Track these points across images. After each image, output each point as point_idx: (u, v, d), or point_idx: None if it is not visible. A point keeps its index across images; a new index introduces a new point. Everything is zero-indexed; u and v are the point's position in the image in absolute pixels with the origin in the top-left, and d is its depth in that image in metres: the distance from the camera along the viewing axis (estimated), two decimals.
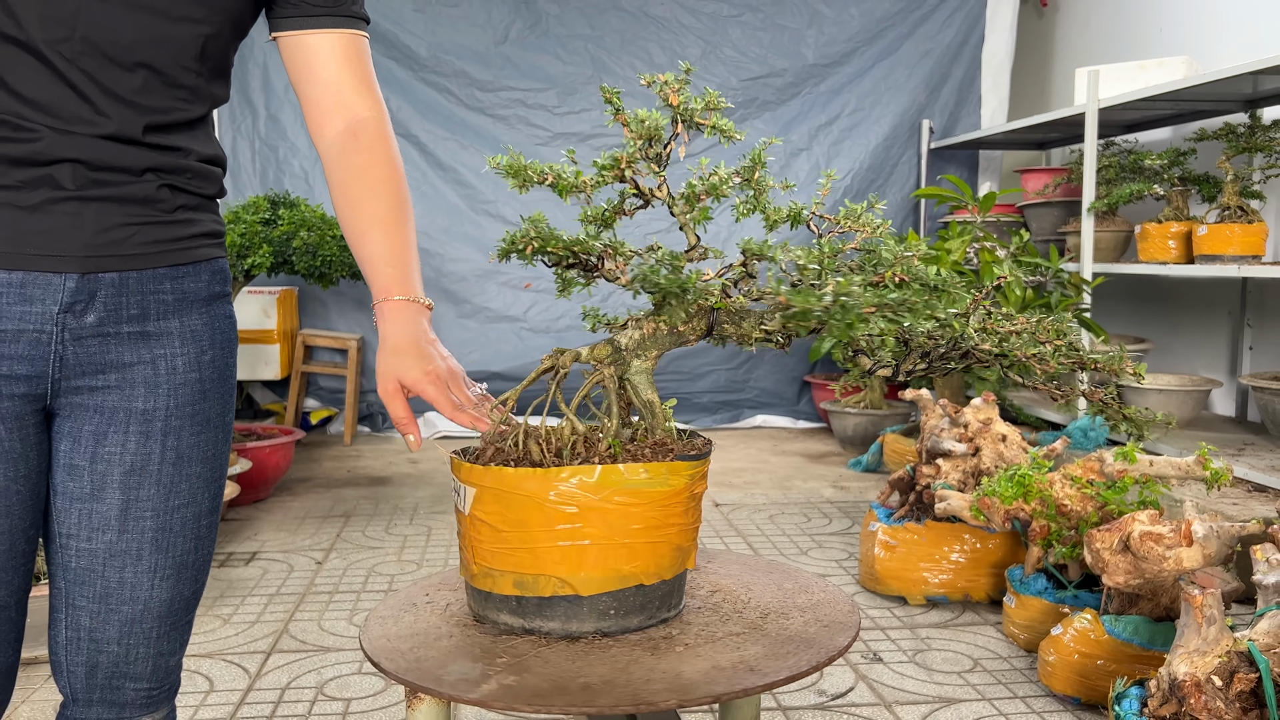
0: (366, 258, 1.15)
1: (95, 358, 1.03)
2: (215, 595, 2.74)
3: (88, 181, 0.97)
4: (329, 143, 1.19)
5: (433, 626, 1.09)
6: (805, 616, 1.11)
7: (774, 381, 5.41)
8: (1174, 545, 1.85)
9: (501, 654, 1.00)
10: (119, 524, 1.06)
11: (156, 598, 1.09)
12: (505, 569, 1.04)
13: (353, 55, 1.20)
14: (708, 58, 5.35)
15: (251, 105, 5.11)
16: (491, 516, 1.03)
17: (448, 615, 1.13)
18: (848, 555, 3.09)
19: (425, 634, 1.07)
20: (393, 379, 1.09)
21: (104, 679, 1.09)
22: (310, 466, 4.36)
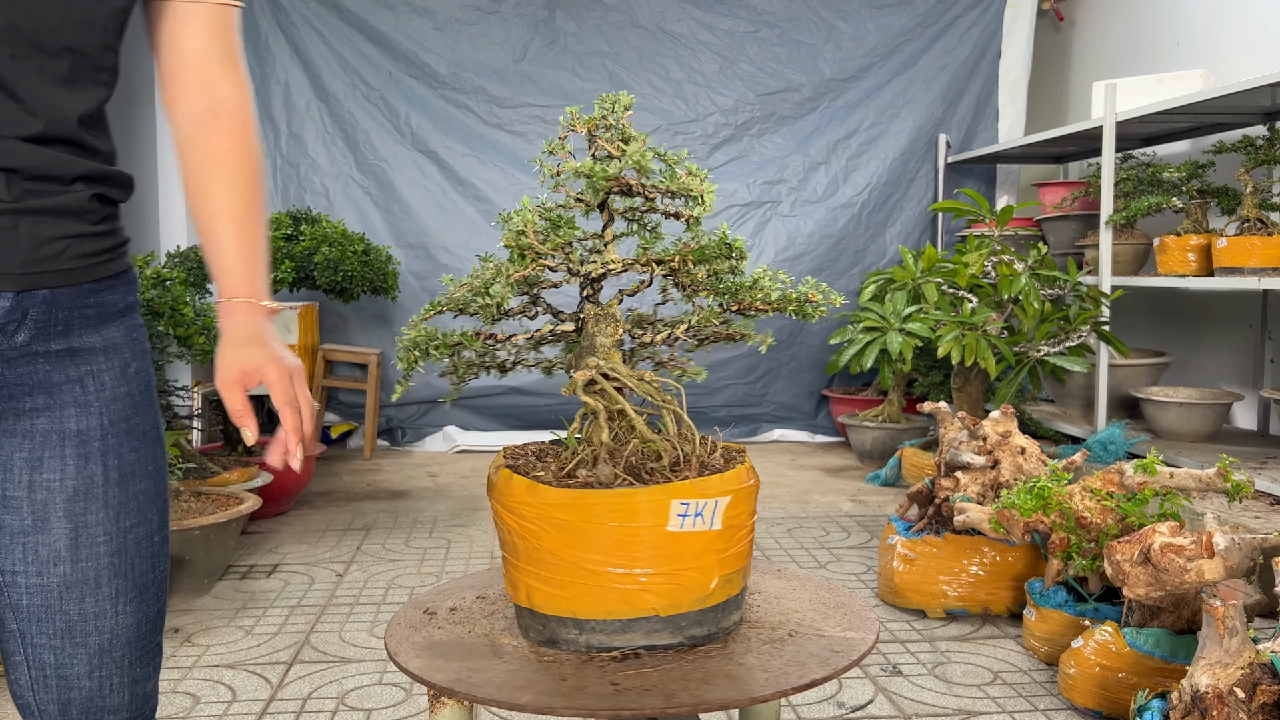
0: (215, 251, 1.09)
1: (23, 380, 0.98)
2: (238, 607, 2.76)
3: (22, 193, 0.93)
4: (185, 118, 1.10)
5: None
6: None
7: (791, 395, 5.41)
8: (1195, 557, 1.84)
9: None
10: (71, 554, 1.00)
11: (123, 624, 1.04)
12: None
13: (222, 28, 1.10)
14: (725, 73, 5.37)
15: (273, 122, 5.17)
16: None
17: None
18: (866, 569, 3.09)
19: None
20: (235, 369, 1.06)
21: (79, 715, 1.04)
22: (331, 480, 4.39)
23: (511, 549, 1.10)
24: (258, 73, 5.16)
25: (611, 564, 1.02)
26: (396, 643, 1.09)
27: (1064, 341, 3.64)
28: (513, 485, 1.07)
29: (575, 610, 1.05)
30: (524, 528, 1.05)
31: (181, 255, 3.76)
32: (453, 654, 1.08)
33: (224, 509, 2.92)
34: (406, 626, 1.15)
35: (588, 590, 1.03)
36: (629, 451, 1.09)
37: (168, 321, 3.00)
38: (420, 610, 1.20)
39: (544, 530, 1.04)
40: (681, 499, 1.02)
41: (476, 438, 5.14)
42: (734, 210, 5.31)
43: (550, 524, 1.03)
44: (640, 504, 1.02)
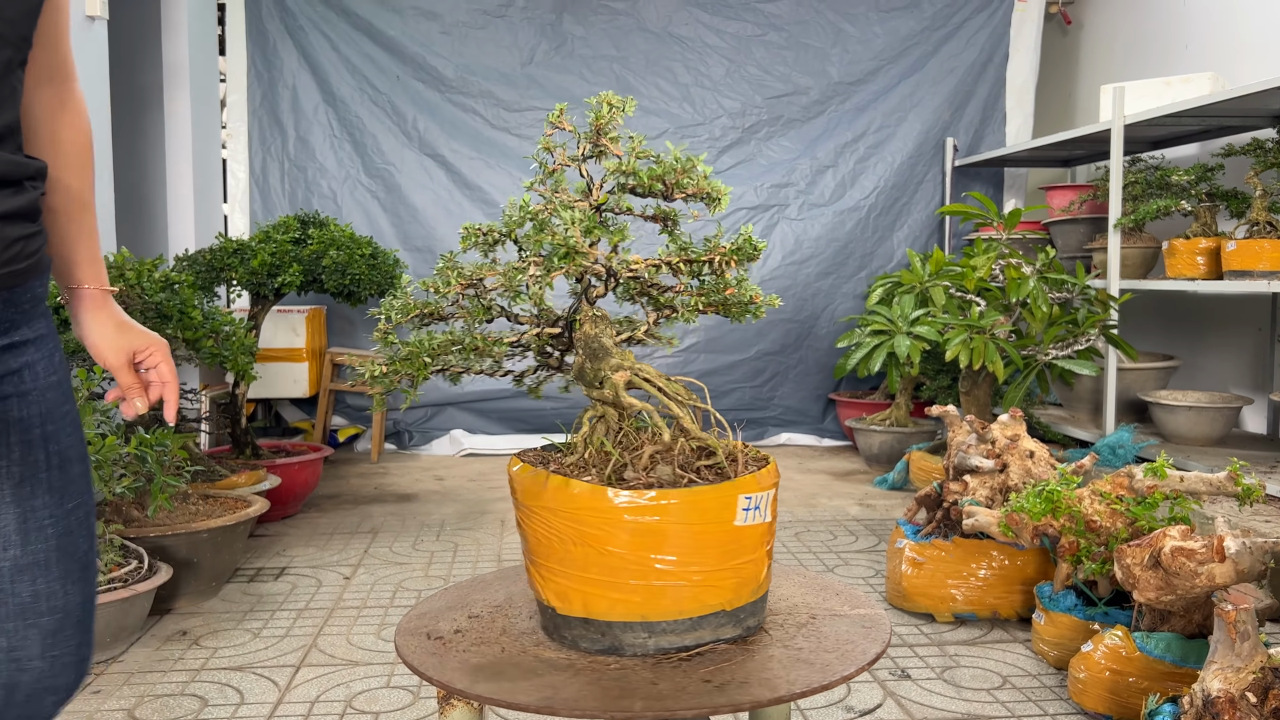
0: (69, 237, 1.12)
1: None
2: (245, 609, 2.76)
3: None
4: (31, 101, 1.09)
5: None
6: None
7: (798, 399, 5.41)
8: (1206, 561, 1.83)
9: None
10: (20, 538, 1.03)
11: (72, 602, 1.06)
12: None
13: (66, 19, 1.10)
14: (732, 76, 5.37)
15: (281, 127, 5.18)
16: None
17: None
18: (874, 573, 3.08)
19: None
20: (127, 351, 1.14)
21: (24, 697, 1.04)
22: (338, 483, 4.39)
23: (562, 558, 1.06)
24: (266, 77, 5.18)
25: (687, 562, 1.03)
26: (442, 671, 1.04)
27: (1072, 345, 3.63)
28: (573, 492, 1.04)
29: (646, 614, 1.04)
30: (586, 534, 1.02)
31: (190, 259, 3.77)
32: (510, 674, 1.04)
33: (232, 512, 2.92)
34: (430, 655, 1.10)
35: (661, 592, 1.04)
36: (678, 451, 1.10)
37: (176, 325, 3.01)
38: (425, 636, 1.14)
39: (613, 535, 1.02)
40: (746, 493, 1.05)
41: (483, 441, 5.14)
42: (741, 213, 5.31)
43: (622, 528, 1.02)
44: (713, 501, 1.04)
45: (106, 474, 2.20)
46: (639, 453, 1.10)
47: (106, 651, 2.38)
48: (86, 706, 2.14)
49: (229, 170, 5.21)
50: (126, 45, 4.48)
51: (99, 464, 2.18)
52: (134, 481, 2.26)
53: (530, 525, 1.08)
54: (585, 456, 1.11)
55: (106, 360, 1.13)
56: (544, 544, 1.07)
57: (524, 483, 1.09)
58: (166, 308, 2.99)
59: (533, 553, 1.09)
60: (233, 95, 5.20)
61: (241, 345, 3.21)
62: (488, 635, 1.11)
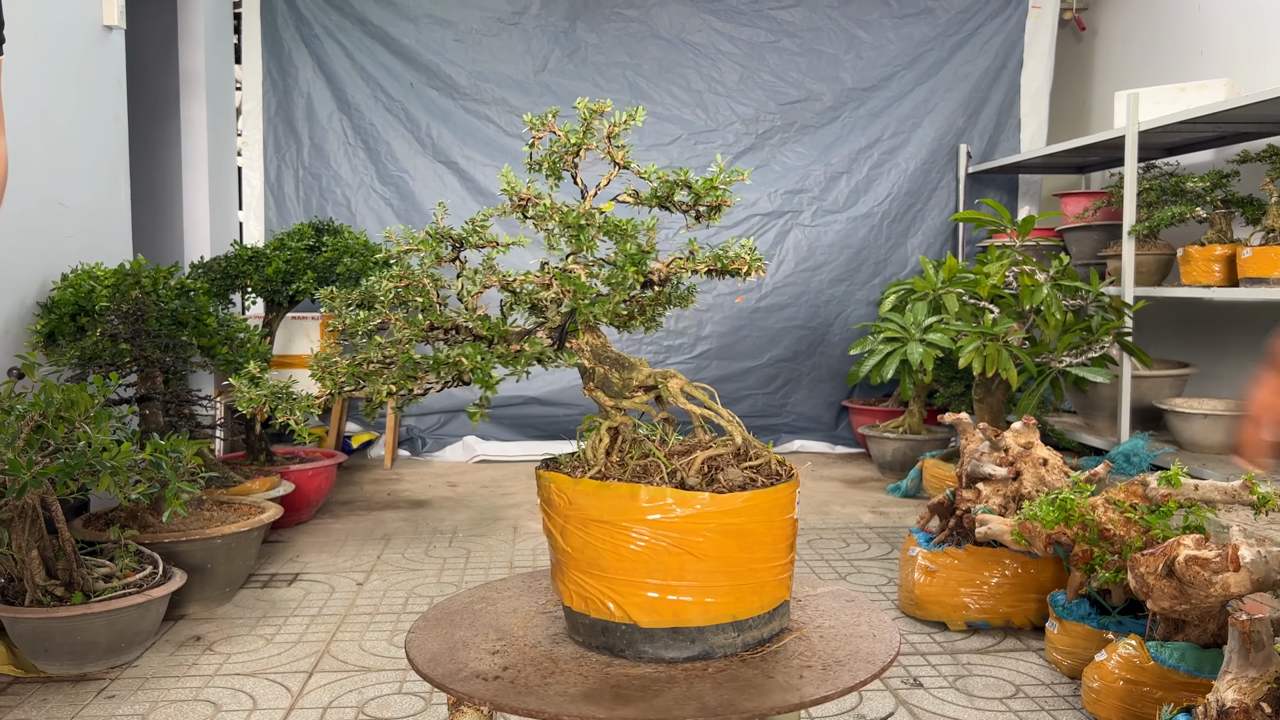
0: None
1: None
2: (259, 615, 2.77)
3: None
4: None
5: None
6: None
7: (811, 406, 5.40)
8: (1221, 570, 1.82)
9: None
10: None
11: None
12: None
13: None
14: (745, 83, 5.38)
15: (296, 135, 5.21)
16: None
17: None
18: (887, 580, 3.07)
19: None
20: None
21: None
22: (351, 489, 4.41)
23: (651, 568, 1.04)
24: (281, 85, 5.21)
25: (772, 559, 1.08)
26: (551, 703, 0.96)
27: (1086, 352, 3.61)
28: (665, 501, 1.02)
29: (736, 612, 1.06)
30: (683, 542, 1.01)
31: (206, 266, 3.79)
32: (605, 697, 0.99)
33: (245, 518, 2.93)
34: (512, 685, 1.00)
35: (754, 589, 1.07)
36: (707, 456, 1.11)
37: (191, 331, 3.02)
38: (459, 670, 1.05)
39: (711, 539, 1.03)
40: (797, 488, 1.13)
41: (496, 447, 5.14)
42: (755, 220, 5.31)
43: (721, 530, 1.03)
44: (785, 498, 1.09)
45: (122, 480, 2.22)
46: (690, 458, 1.10)
47: (121, 657, 2.39)
48: (101, 712, 2.15)
49: (244, 178, 5.24)
50: (144, 54, 4.52)
51: (115, 470, 2.19)
52: (149, 487, 2.27)
53: (607, 542, 1.03)
54: (605, 468, 1.08)
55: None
56: (626, 560, 1.03)
57: (581, 498, 1.04)
58: (182, 314, 3.01)
59: (609, 571, 1.04)
60: (248, 103, 5.23)
61: (256, 352, 3.23)
62: (532, 656, 1.04)
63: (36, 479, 2.10)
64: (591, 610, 1.07)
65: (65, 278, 3.02)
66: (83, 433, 2.20)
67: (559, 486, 1.07)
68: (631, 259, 1.08)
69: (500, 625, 1.17)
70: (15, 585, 2.33)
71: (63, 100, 3.23)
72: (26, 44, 3.02)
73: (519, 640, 1.12)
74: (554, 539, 1.09)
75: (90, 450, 2.16)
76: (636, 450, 1.10)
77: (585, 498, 1.05)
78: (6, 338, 2.89)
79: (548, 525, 1.10)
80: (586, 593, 1.07)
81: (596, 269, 1.10)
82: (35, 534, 2.29)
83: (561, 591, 1.11)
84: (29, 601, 2.29)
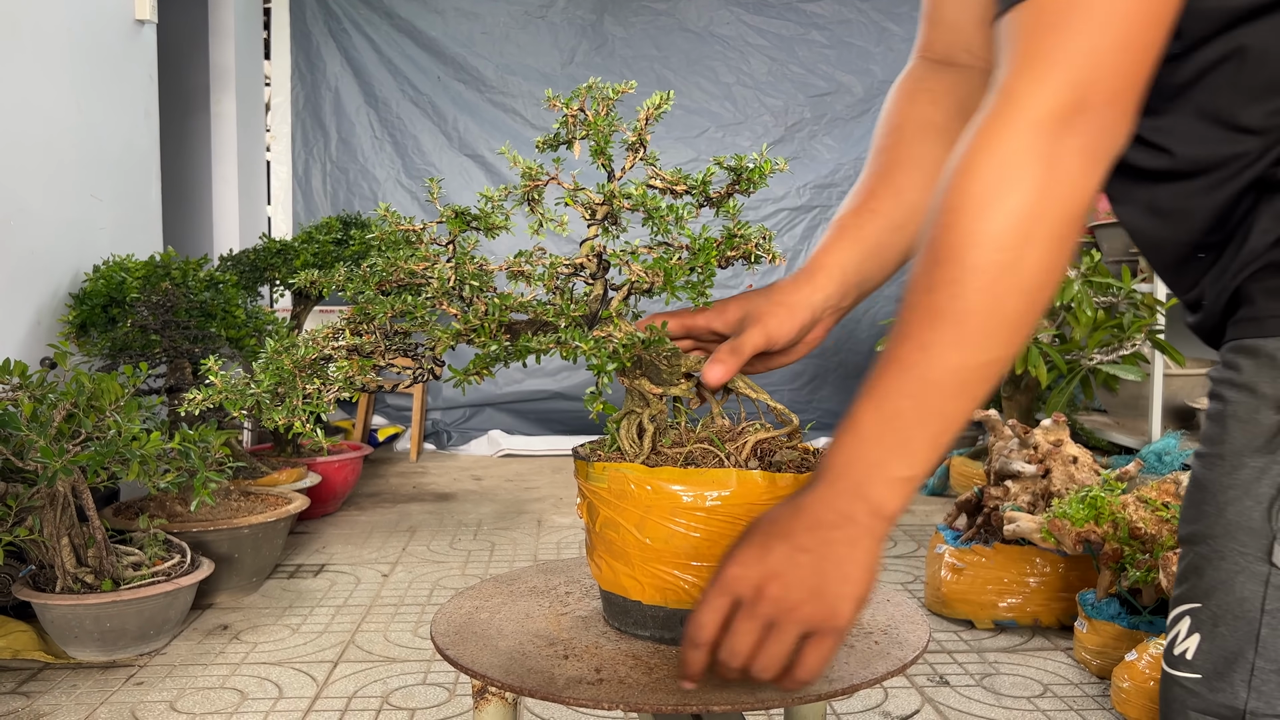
0: None
1: None
2: (285, 605, 2.79)
3: None
4: None
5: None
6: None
7: (838, 403, 5.37)
8: None
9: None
10: None
11: None
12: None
13: None
14: (774, 75, 5.35)
15: (324, 129, 5.24)
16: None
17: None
18: (913, 578, 3.05)
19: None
20: None
21: None
22: (377, 482, 4.43)
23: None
24: (309, 80, 5.24)
25: None
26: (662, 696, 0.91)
27: (1117, 350, 3.57)
28: (756, 481, 0.98)
29: None
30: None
31: (234, 258, 3.82)
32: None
33: (273, 509, 2.95)
34: (618, 680, 0.96)
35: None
36: (757, 439, 1.09)
37: (220, 323, 3.04)
38: (528, 671, 0.97)
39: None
40: None
41: (521, 442, 5.15)
42: (783, 214, 5.28)
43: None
44: None
45: (151, 468, 2.24)
46: (740, 443, 1.08)
47: (149, 644, 2.41)
48: (129, 698, 2.17)
49: (273, 171, 5.27)
50: (175, 49, 4.55)
51: (144, 458, 2.21)
52: (177, 477, 2.29)
53: (699, 529, 0.99)
54: (649, 459, 1.05)
55: None
56: (719, 546, 0.98)
57: (674, 483, 0.99)
58: (211, 306, 3.03)
59: (704, 559, 0.99)
60: (277, 98, 5.26)
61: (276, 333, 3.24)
62: (595, 643, 1.03)
63: (67, 467, 2.12)
64: (669, 600, 1.03)
65: (97, 269, 3.04)
66: (113, 421, 2.21)
67: (637, 475, 1.02)
68: (719, 241, 1.05)
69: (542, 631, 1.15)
70: (46, 572, 2.36)
71: (95, 94, 3.26)
72: (60, 39, 3.05)
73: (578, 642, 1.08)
74: (624, 533, 1.04)
75: (120, 439, 2.18)
76: (668, 438, 1.08)
77: (667, 484, 1.02)
78: (39, 328, 2.92)
79: (614, 518, 1.05)
80: (666, 583, 1.03)
81: (665, 251, 1.07)
82: (66, 521, 2.31)
83: (631, 587, 1.06)
84: (59, 588, 2.31)
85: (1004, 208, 0.65)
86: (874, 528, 0.72)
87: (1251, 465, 0.70)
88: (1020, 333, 0.68)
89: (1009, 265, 0.65)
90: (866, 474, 0.72)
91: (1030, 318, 0.68)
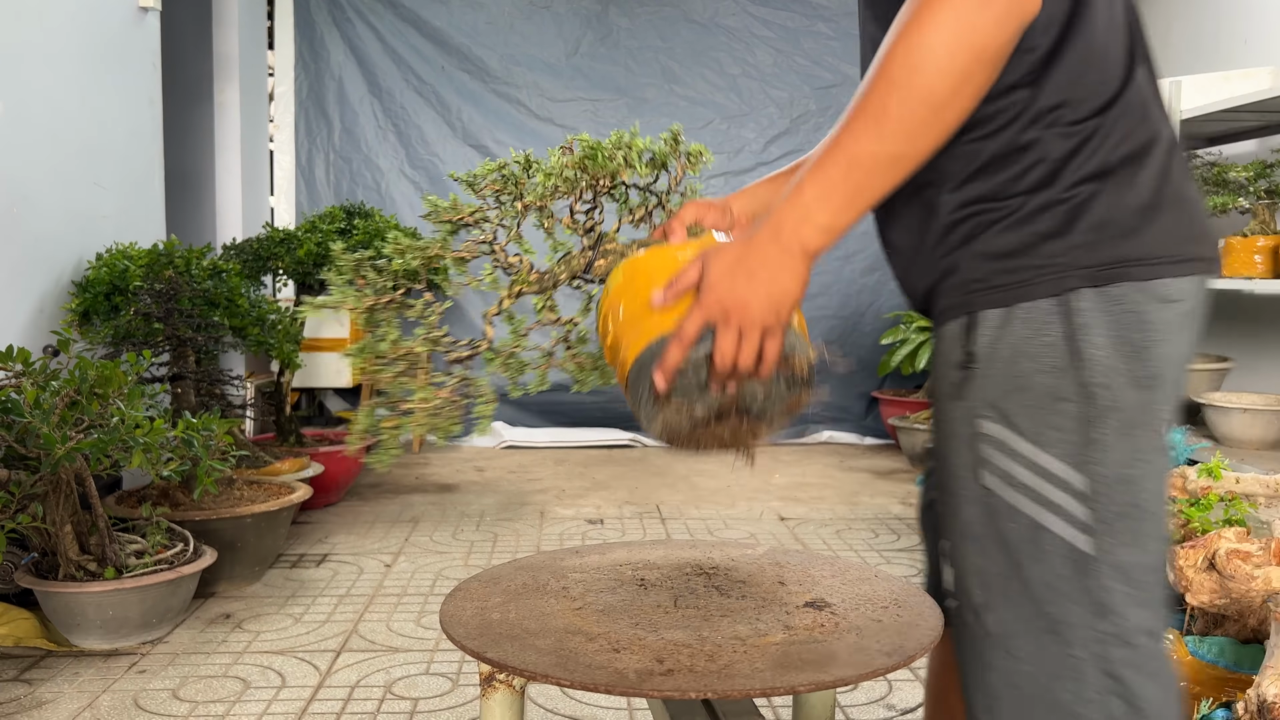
0: None
1: None
2: (288, 595, 2.78)
3: None
4: None
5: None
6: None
7: (841, 396, 5.36)
8: (1263, 564, 1.78)
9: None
10: None
11: None
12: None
13: None
14: (780, 67, 5.33)
15: (327, 118, 5.22)
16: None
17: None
18: (916, 572, 3.04)
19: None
20: None
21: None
22: (379, 472, 4.42)
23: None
24: (313, 69, 5.22)
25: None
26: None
27: None
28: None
29: None
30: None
31: (238, 247, 3.81)
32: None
33: (275, 498, 2.95)
34: (687, 669, 0.94)
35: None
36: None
37: (223, 312, 3.04)
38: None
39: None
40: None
41: (524, 434, 5.15)
42: None
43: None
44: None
45: (154, 456, 2.23)
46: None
47: (152, 632, 2.41)
48: (132, 686, 2.17)
49: (276, 161, 5.26)
50: (178, 37, 4.54)
51: (147, 446, 2.20)
52: (180, 465, 2.28)
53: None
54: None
55: None
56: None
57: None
58: (214, 295, 3.02)
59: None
60: (280, 87, 5.25)
61: (287, 334, 3.24)
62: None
63: (70, 454, 2.12)
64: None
65: (100, 257, 3.04)
66: (116, 409, 2.21)
67: (628, 262, 1.10)
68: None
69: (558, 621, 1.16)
70: (49, 559, 2.35)
71: (99, 82, 3.25)
72: (64, 27, 3.04)
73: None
74: (628, 299, 1.07)
75: (123, 426, 2.17)
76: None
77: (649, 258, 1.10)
78: (43, 316, 2.91)
79: (615, 302, 1.08)
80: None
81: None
82: (69, 509, 2.31)
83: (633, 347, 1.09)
84: (62, 576, 2.31)
85: (926, 43, 0.85)
86: (803, 257, 0.93)
87: (949, 409, 0.99)
88: (923, 139, 0.88)
89: (922, 86, 0.86)
90: (801, 218, 0.92)
91: (933, 128, 0.88)
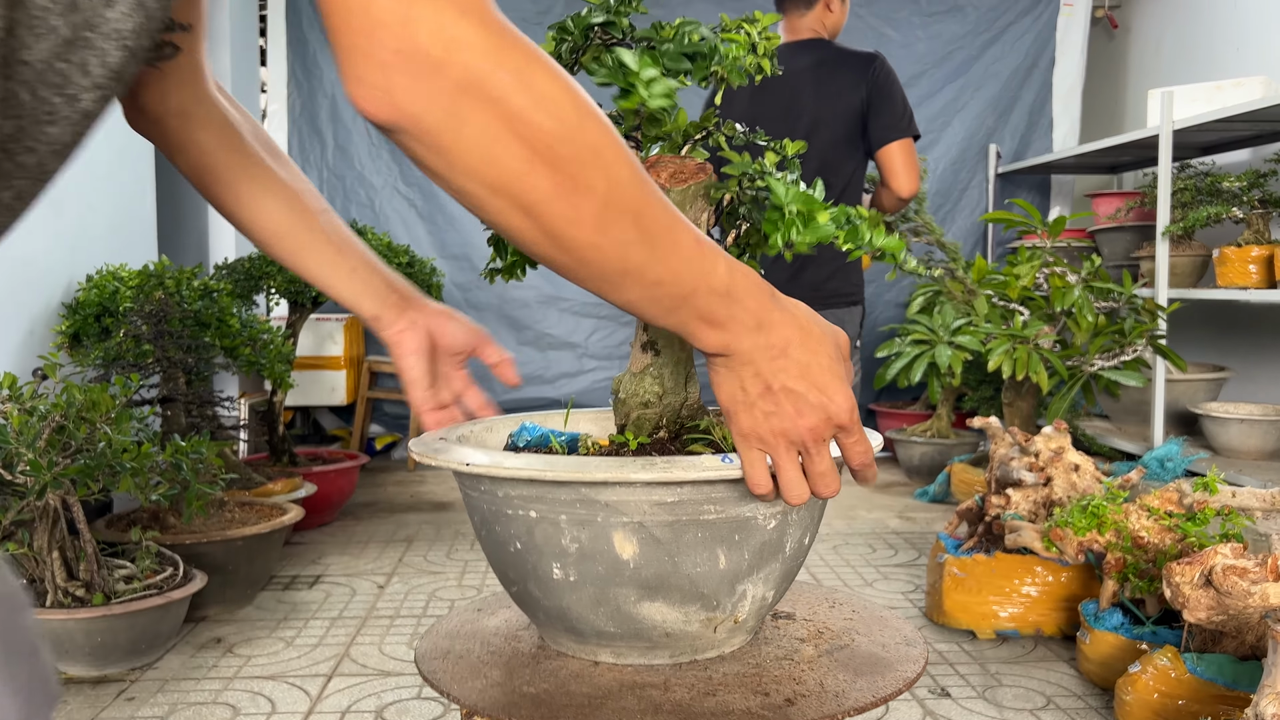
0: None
1: None
2: (279, 618, 2.76)
3: None
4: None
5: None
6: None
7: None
8: (1260, 580, 1.76)
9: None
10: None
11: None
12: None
13: None
14: None
15: (320, 136, 5.22)
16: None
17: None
18: (914, 587, 3.02)
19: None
20: None
21: None
22: (374, 491, 4.40)
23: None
24: (306, 87, 5.22)
25: None
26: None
27: (1119, 355, 3.54)
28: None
29: None
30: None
31: (229, 267, 3.79)
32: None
33: (267, 519, 2.93)
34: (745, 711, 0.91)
35: None
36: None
37: (214, 333, 3.02)
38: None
39: None
40: None
41: None
42: None
43: None
44: None
45: (143, 481, 2.21)
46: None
47: (141, 658, 2.38)
48: (121, 714, 2.14)
49: None
50: None
51: (135, 471, 2.19)
52: (169, 489, 2.26)
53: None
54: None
55: None
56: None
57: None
58: (205, 315, 3.01)
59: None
60: (273, 105, 5.25)
61: (279, 353, 3.22)
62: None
63: (57, 480, 2.10)
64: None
65: (90, 279, 3.02)
66: (103, 434, 2.19)
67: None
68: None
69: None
70: (36, 586, 2.33)
71: None
72: None
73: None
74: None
75: (110, 451, 2.16)
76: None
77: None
78: (32, 338, 2.90)
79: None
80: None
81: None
82: (56, 535, 2.29)
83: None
84: (50, 603, 2.29)
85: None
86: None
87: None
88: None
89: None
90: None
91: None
